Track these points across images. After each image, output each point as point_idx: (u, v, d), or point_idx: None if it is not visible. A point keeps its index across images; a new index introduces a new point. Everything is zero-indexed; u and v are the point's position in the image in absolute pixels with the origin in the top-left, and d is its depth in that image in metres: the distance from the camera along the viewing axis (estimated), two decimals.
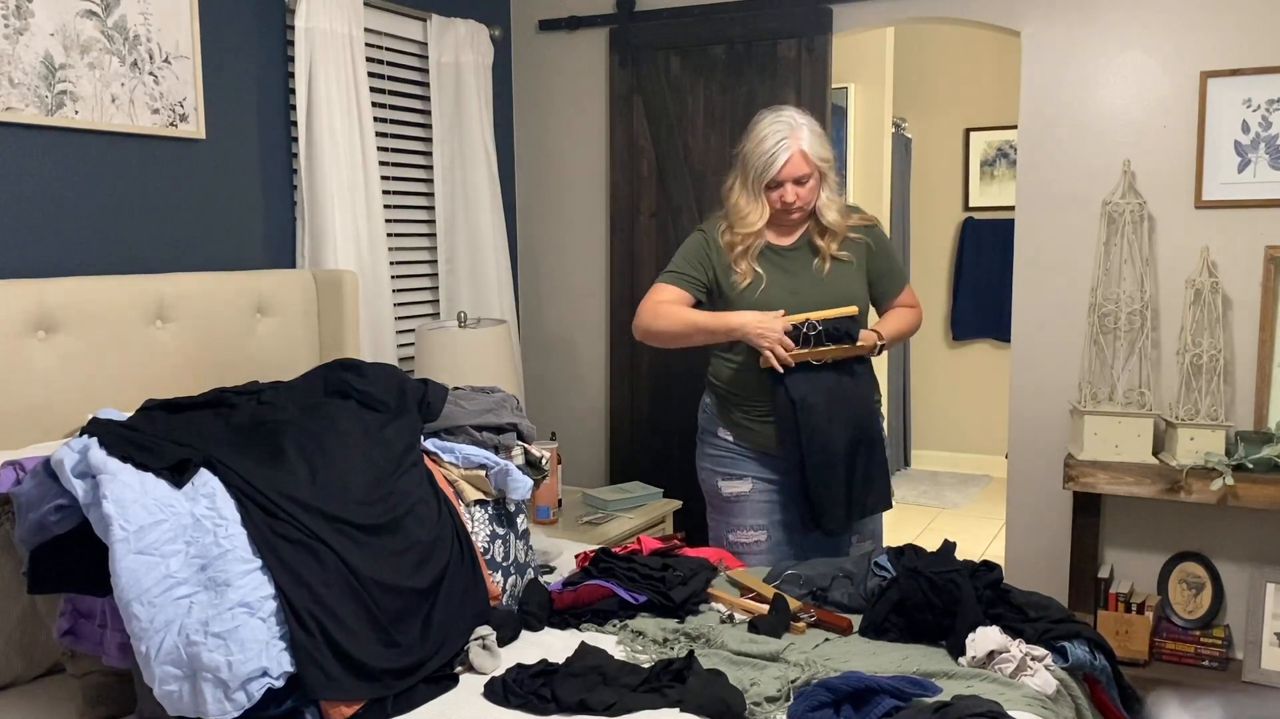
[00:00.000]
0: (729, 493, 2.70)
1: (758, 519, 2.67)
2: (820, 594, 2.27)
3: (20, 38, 2.30)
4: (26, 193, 2.37)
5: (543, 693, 1.82)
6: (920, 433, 6.30)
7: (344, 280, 2.89)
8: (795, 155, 2.50)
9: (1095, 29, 3.06)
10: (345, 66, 3.04)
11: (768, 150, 2.50)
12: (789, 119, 2.53)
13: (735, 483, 2.68)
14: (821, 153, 2.54)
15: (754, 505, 2.67)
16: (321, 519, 1.89)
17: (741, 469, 2.67)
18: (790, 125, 2.52)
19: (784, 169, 2.50)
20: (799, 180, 2.52)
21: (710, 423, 2.75)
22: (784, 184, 2.52)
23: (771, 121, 2.54)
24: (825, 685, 1.75)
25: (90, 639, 1.83)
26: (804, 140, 2.50)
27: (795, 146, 2.49)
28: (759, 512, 2.67)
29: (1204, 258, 2.95)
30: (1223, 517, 3.05)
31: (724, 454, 2.71)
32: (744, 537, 2.67)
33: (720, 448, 2.72)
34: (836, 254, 2.61)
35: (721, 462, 2.71)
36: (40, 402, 2.23)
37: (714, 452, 2.73)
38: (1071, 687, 1.95)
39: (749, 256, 2.59)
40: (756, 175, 2.54)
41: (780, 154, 2.49)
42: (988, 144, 5.91)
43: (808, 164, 2.51)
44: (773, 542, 2.66)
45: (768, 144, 2.51)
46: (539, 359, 4.01)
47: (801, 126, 2.52)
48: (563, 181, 3.91)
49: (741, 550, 2.67)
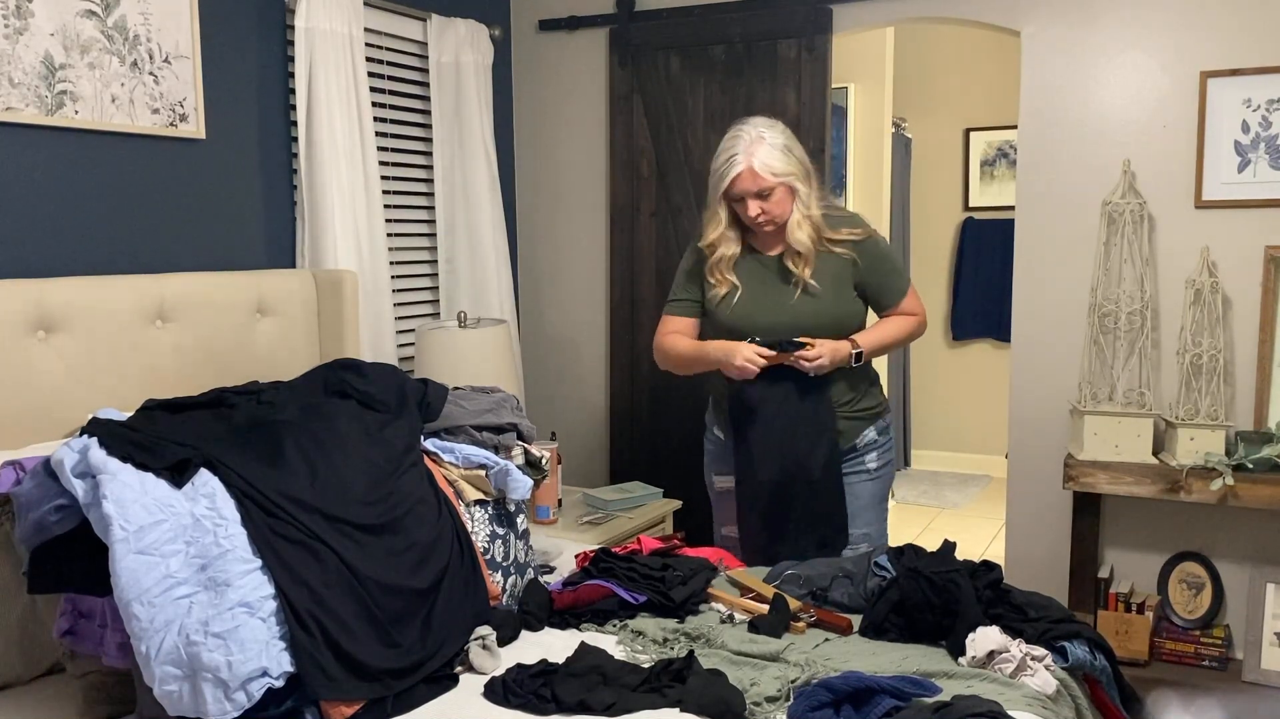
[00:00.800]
0: (720, 487, 2.75)
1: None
2: (820, 594, 2.27)
3: (20, 38, 2.30)
4: (26, 193, 2.37)
5: (543, 693, 1.82)
6: (920, 433, 6.30)
7: (344, 280, 2.89)
8: (744, 172, 2.44)
9: (1095, 29, 3.06)
10: (345, 66, 3.04)
11: (720, 166, 2.49)
12: (748, 132, 2.47)
13: (726, 478, 2.70)
14: (779, 167, 2.46)
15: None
16: (321, 519, 1.89)
17: (730, 464, 2.68)
18: (747, 139, 2.46)
19: (732, 185, 2.47)
20: (760, 194, 2.47)
21: (710, 420, 2.79)
22: (744, 199, 2.48)
23: (732, 135, 2.50)
24: (825, 685, 1.75)
25: (90, 639, 1.83)
26: (758, 155, 2.44)
27: (745, 163, 2.44)
28: None
29: (1204, 258, 2.95)
30: (1223, 517, 3.05)
31: (717, 449, 2.75)
32: (734, 530, 2.69)
33: (716, 444, 2.76)
34: (807, 279, 2.53)
35: (715, 457, 2.76)
36: (40, 402, 2.23)
37: (711, 448, 2.79)
38: (1071, 687, 1.95)
39: (722, 268, 2.58)
40: (714, 188, 2.53)
41: (730, 169, 2.46)
42: (988, 144, 5.91)
43: (758, 180, 2.45)
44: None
45: (721, 159, 2.49)
46: (539, 359, 4.01)
47: (759, 140, 2.46)
48: (563, 181, 3.91)
49: (732, 545, 2.69)
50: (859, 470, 2.63)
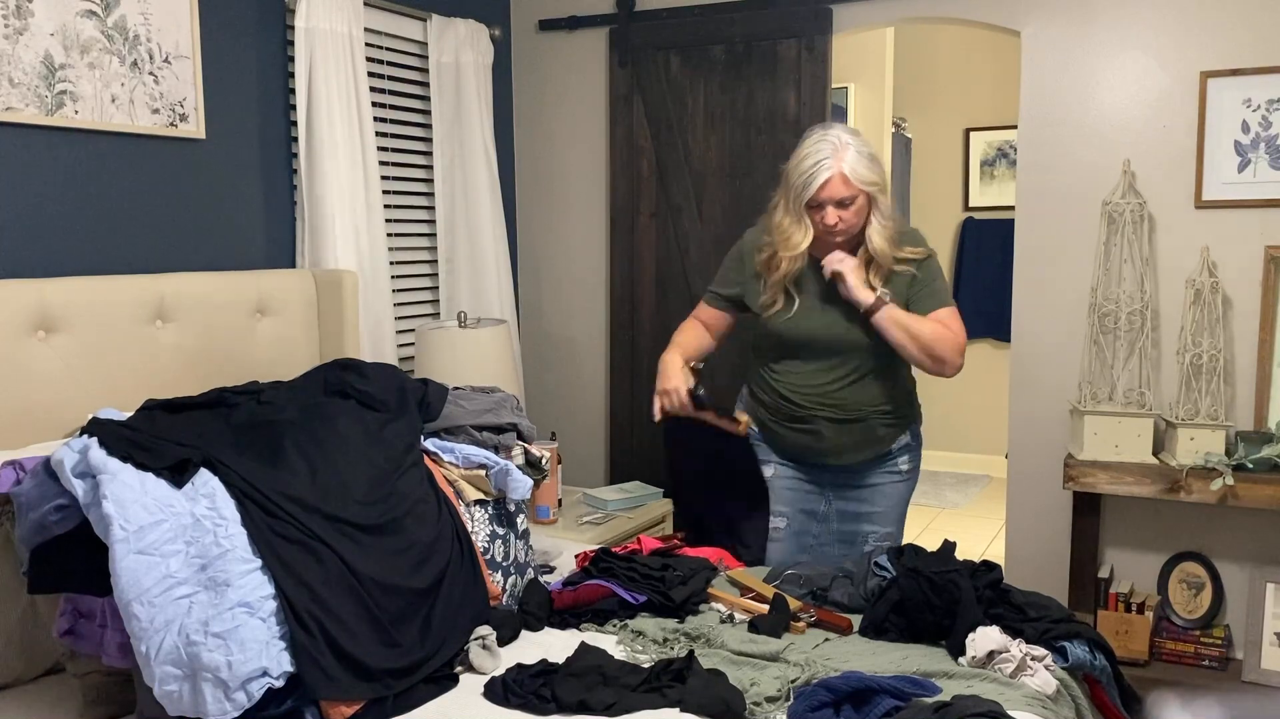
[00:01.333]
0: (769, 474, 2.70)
1: (779, 505, 2.68)
2: (820, 594, 2.27)
3: (20, 38, 2.30)
4: (26, 193, 2.36)
5: (543, 693, 1.83)
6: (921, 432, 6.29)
7: (344, 280, 2.89)
8: (835, 177, 2.37)
9: (1095, 29, 3.06)
10: (345, 66, 3.04)
11: (807, 170, 2.40)
12: (834, 138, 2.41)
13: (761, 468, 2.69)
14: (867, 175, 2.40)
15: (776, 492, 2.68)
16: (321, 519, 1.89)
17: (764, 455, 2.69)
18: (834, 145, 2.40)
19: (822, 190, 2.39)
20: (841, 203, 2.40)
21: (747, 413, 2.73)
22: (824, 205, 2.41)
23: (816, 140, 2.43)
24: (825, 685, 1.75)
25: (90, 639, 1.83)
26: (847, 161, 2.38)
27: (836, 168, 2.37)
28: (781, 498, 2.67)
29: (1204, 258, 2.95)
30: (1223, 517, 3.05)
31: (753, 443, 2.71)
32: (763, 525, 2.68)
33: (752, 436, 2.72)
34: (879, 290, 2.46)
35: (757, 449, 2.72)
36: (40, 402, 2.23)
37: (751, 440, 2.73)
38: (1071, 687, 1.95)
39: (787, 279, 2.50)
40: (796, 195, 2.43)
41: (819, 174, 2.38)
42: (988, 144, 5.90)
43: (849, 187, 2.38)
44: (792, 529, 2.66)
45: (807, 163, 2.40)
46: (539, 359, 4.01)
47: (847, 146, 2.40)
48: (563, 181, 3.91)
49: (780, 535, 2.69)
50: (892, 472, 2.63)
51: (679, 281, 3.68)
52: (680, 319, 3.72)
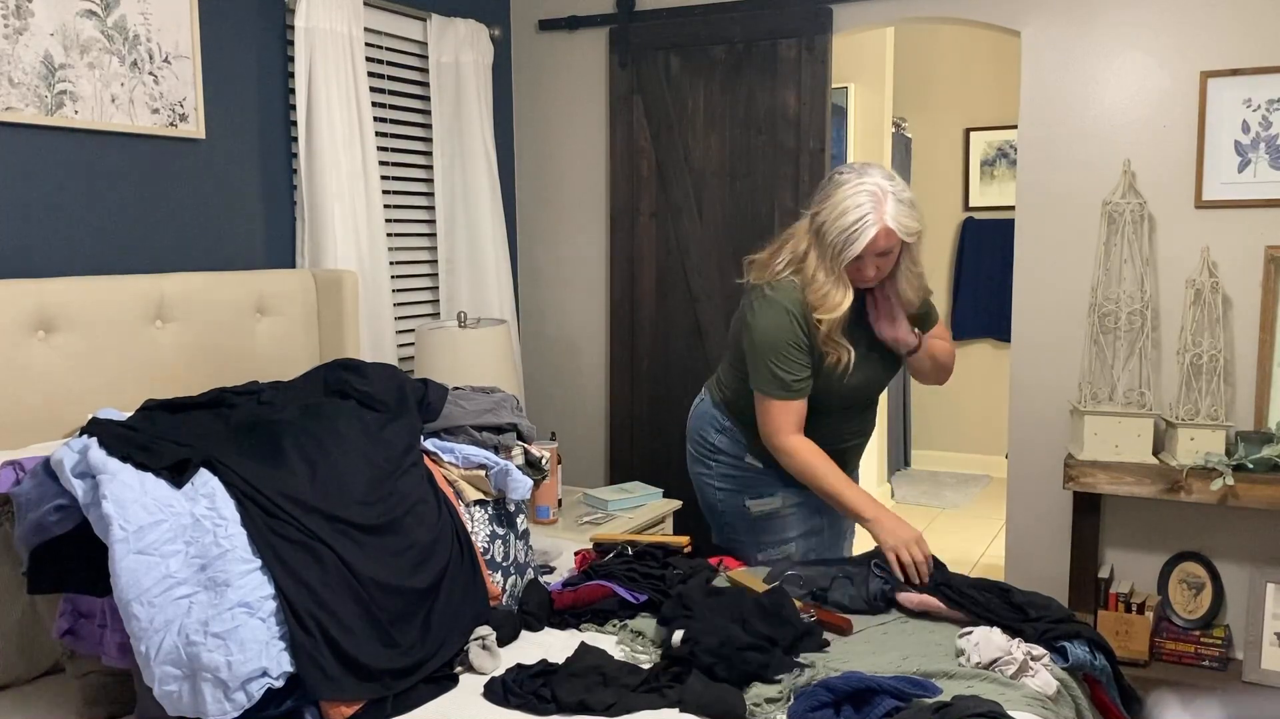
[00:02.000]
0: (759, 511, 2.56)
1: (789, 533, 2.57)
2: (820, 594, 2.26)
3: (20, 38, 2.30)
4: (26, 193, 2.36)
5: (543, 693, 1.82)
6: (920, 433, 6.30)
7: (344, 280, 2.89)
8: (881, 232, 2.21)
9: (1095, 29, 3.06)
10: (345, 66, 3.04)
11: (848, 226, 2.21)
12: (874, 186, 2.22)
13: (764, 501, 2.55)
14: (910, 225, 2.25)
15: (784, 520, 2.56)
16: (321, 519, 1.89)
17: (769, 487, 2.54)
18: (875, 197, 2.22)
19: (868, 247, 2.23)
20: (882, 253, 2.27)
21: (734, 448, 2.57)
22: (864, 258, 2.26)
23: (854, 190, 2.23)
24: (825, 685, 1.75)
25: (90, 639, 1.83)
26: (889, 213, 2.22)
27: (880, 224, 2.21)
28: (790, 525, 2.56)
29: (1204, 258, 2.95)
30: (1223, 517, 3.05)
31: (751, 476, 2.56)
32: (775, 554, 2.56)
33: (749, 471, 2.56)
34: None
35: (747, 483, 2.56)
36: (40, 402, 2.23)
37: (738, 473, 2.57)
38: (1071, 687, 1.95)
39: (839, 334, 2.33)
40: (836, 253, 2.24)
41: (864, 232, 2.21)
42: (988, 144, 5.91)
43: (891, 239, 2.24)
44: (800, 554, 2.58)
45: (849, 218, 2.21)
46: (539, 359, 4.01)
47: (887, 196, 2.23)
48: (563, 181, 3.91)
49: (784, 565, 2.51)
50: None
51: (679, 282, 3.68)
52: (680, 319, 3.73)
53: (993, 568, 4.31)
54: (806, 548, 2.60)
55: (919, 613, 2.20)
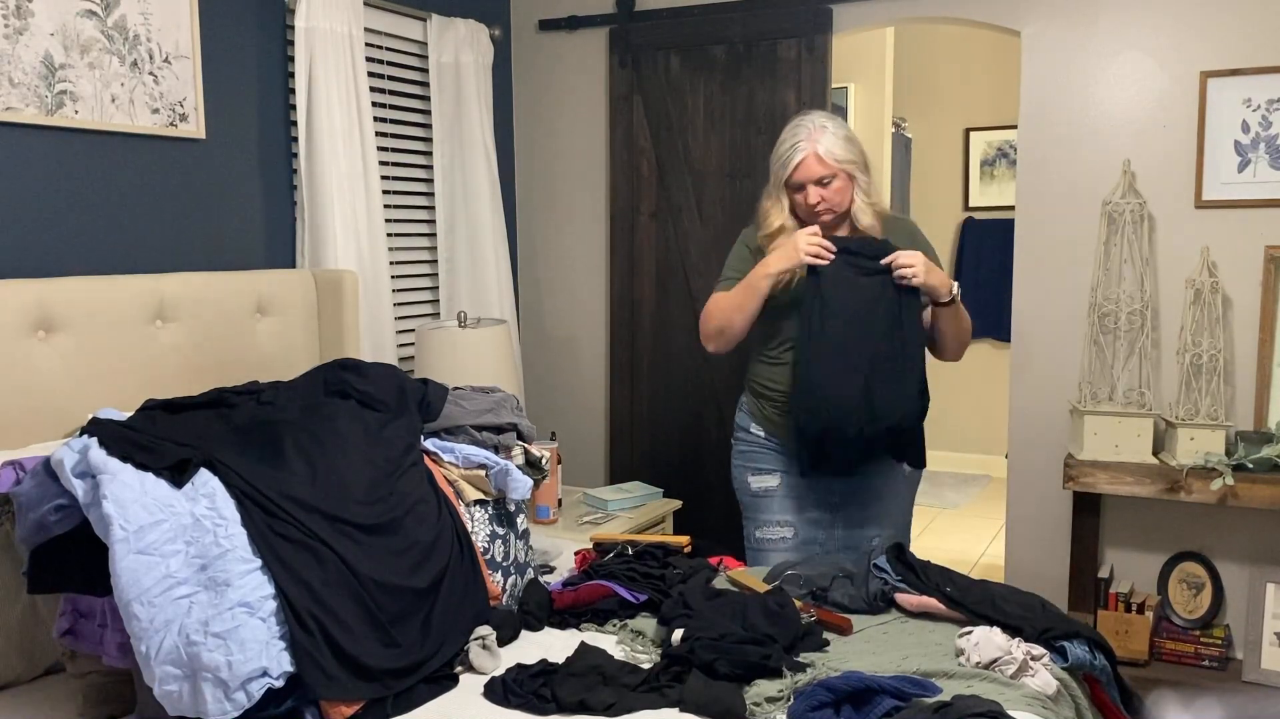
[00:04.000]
0: (757, 487, 2.69)
1: (785, 514, 2.65)
2: (820, 594, 2.27)
3: (20, 38, 2.30)
4: (26, 193, 2.37)
5: (543, 693, 1.83)
6: None
7: (344, 280, 2.89)
8: (809, 157, 2.49)
9: (1095, 29, 3.06)
10: (345, 66, 3.04)
11: (784, 153, 2.53)
12: (810, 121, 2.54)
13: (764, 477, 2.67)
14: (842, 154, 2.50)
15: (781, 500, 2.65)
16: (321, 519, 1.89)
17: (771, 464, 2.66)
18: (809, 128, 2.52)
19: (798, 170, 2.50)
20: (820, 181, 2.50)
21: (744, 420, 2.73)
22: (805, 186, 2.52)
23: (794, 126, 2.56)
24: (825, 685, 1.75)
25: (90, 639, 1.83)
26: (821, 142, 2.49)
27: (810, 148, 2.49)
28: (786, 507, 2.65)
29: (1204, 258, 2.95)
30: (1223, 517, 3.05)
31: (755, 449, 2.69)
32: (771, 533, 2.66)
33: (752, 443, 2.70)
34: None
35: (752, 457, 2.70)
36: (40, 402, 2.23)
37: (745, 448, 2.72)
38: (1071, 687, 1.95)
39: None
40: (776, 177, 2.56)
41: (795, 155, 2.50)
42: (988, 144, 5.90)
43: (824, 166, 2.49)
44: (799, 539, 2.64)
45: (784, 147, 2.53)
46: (539, 359, 4.01)
47: (824, 129, 2.51)
48: (563, 181, 3.91)
49: (768, 548, 2.66)
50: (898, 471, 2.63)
51: (679, 282, 3.68)
52: (680, 319, 3.73)
53: (993, 568, 4.31)
54: (806, 537, 2.64)
55: (919, 613, 2.20)
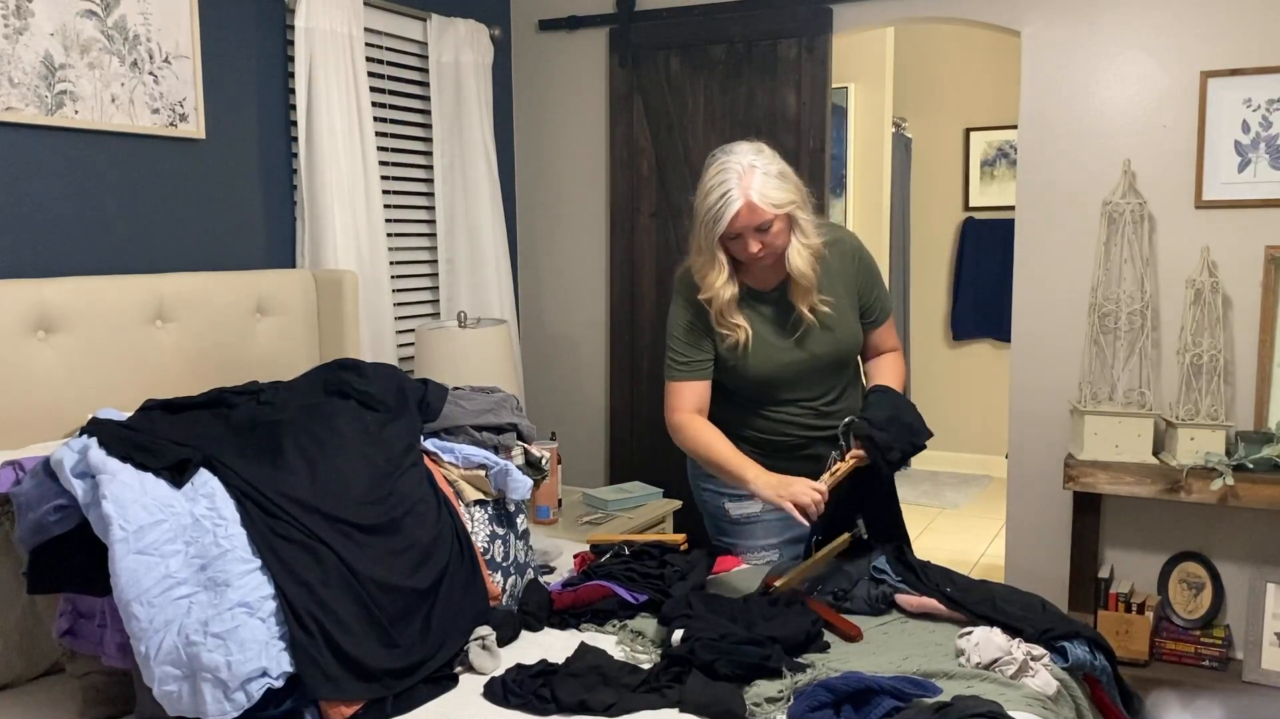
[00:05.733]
0: (738, 514, 2.53)
1: (769, 538, 2.53)
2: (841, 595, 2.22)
3: (20, 38, 2.30)
4: (26, 193, 2.36)
5: (542, 693, 1.82)
6: None
7: (344, 280, 2.89)
8: (742, 208, 2.20)
9: (1095, 29, 3.06)
10: (345, 66, 3.04)
11: (713, 205, 2.22)
12: (737, 163, 2.22)
13: (745, 504, 2.49)
14: (778, 197, 2.23)
15: (765, 525, 2.52)
16: (321, 519, 1.89)
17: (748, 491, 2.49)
18: (738, 171, 2.21)
19: (731, 224, 2.21)
20: (759, 229, 2.24)
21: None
22: (741, 236, 2.24)
23: (718, 170, 2.24)
24: (825, 686, 1.75)
25: (90, 639, 1.83)
26: (754, 187, 2.20)
27: (742, 198, 2.19)
28: (771, 530, 2.52)
29: (1204, 258, 2.95)
30: (1223, 517, 3.05)
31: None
32: (755, 558, 2.53)
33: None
34: (819, 308, 2.35)
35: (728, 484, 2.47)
36: (40, 402, 2.23)
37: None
38: (1071, 687, 1.94)
39: (730, 312, 2.34)
40: (708, 232, 2.25)
41: (727, 208, 2.20)
42: (988, 144, 5.91)
43: (757, 214, 2.21)
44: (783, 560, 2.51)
45: (713, 197, 2.22)
46: (539, 359, 4.01)
47: (753, 170, 2.22)
48: (563, 181, 3.91)
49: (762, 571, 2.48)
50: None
51: None
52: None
53: (993, 568, 4.31)
54: (791, 555, 2.51)
55: (919, 614, 2.20)
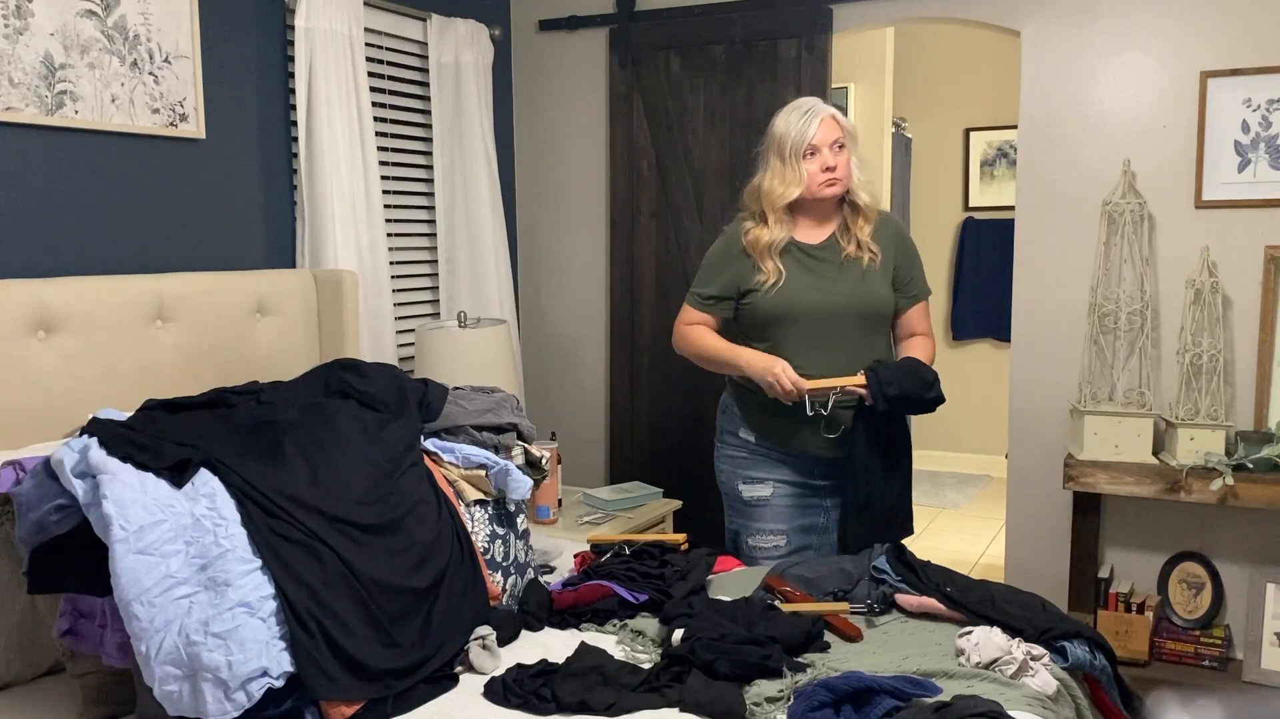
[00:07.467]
0: (750, 496, 2.61)
1: (778, 523, 2.59)
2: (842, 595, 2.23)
3: (20, 38, 2.30)
4: (26, 193, 2.36)
5: (543, 693, 1.82)
6: (920, 433, 6.28)
7: (344, 280, 2.89)
8: (828, 119, 2.52)
9: (1095, 29, 3.06)
10: (345, 66, 3.04)
11: (797, 122, 2.52)
12: (808, 98, 2.60)
13: (756, 486, 2.60)
14: (849, 124, 2.58)
15: (774, 510, 2.59)
16: (321, 519, 1.89)
17: (763, 472, 2.60)
18: (812, 100, 2.58)
19: (819, 132, 2.50)
20: (835, 145, 2.52)
21: (731, 423, 2.66)
22: (821, 150, 2.51)
23: (793, 105, 2.58)
24: (825, 685, 1.75)
25: (90, 639, 1.83)
26: (830, 109, 2.55)
27: (824, 112, 2.53)
28: (780, 516, 2.59)
29: (1204, 258, 2.95)
30: (1223, 517, 3.05)
31: (745, 456, 2.62)
32: (763, 541, 2.59)
33: (742, 449, 2.63)
34: (869, 243, 2.55)
35: (742, 463, 2.63)
36: (40, 402, 2.23)
37: (734, 453, 2.65)
38: (1071, 687, 1.95)
39: (771, 253, 2.53)
40: (794, 143, 2.51)
41: (813, 119, 2.51)
42: (988, 144, 5.90)
43: (840, 128, 2.53)
44: (791, 546, 2.59)
45: (797, 114, 2.53)
46: (539, 359, 4.01)
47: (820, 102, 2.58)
48: (563, 181, 3.91)
49: (760, 555, 2.59)
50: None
51: (679, 281, 3.67)
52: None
53: (993, 568, 4.31)
54: (799, 544, 2.60)
55: (919, 613, 2.20)
